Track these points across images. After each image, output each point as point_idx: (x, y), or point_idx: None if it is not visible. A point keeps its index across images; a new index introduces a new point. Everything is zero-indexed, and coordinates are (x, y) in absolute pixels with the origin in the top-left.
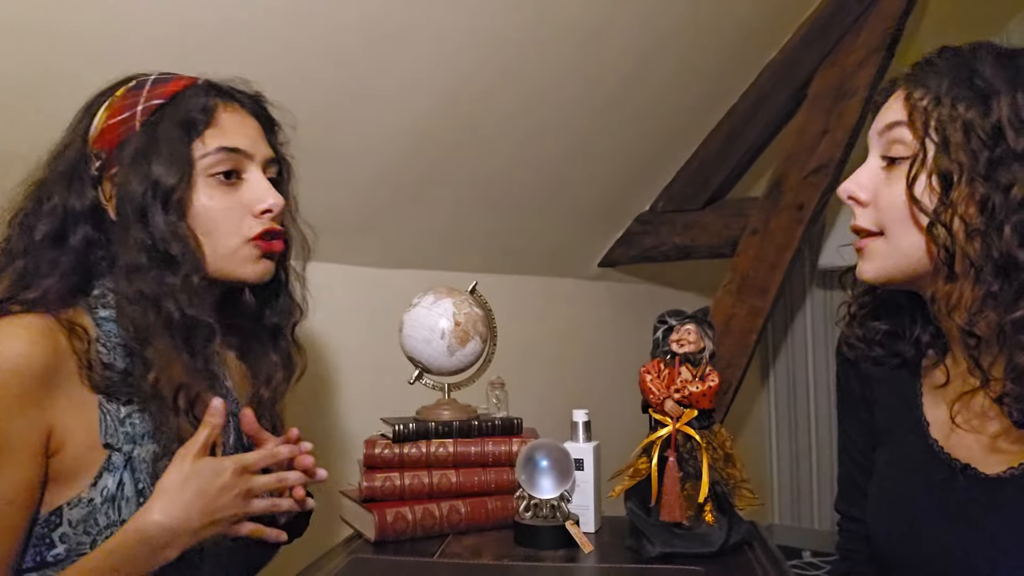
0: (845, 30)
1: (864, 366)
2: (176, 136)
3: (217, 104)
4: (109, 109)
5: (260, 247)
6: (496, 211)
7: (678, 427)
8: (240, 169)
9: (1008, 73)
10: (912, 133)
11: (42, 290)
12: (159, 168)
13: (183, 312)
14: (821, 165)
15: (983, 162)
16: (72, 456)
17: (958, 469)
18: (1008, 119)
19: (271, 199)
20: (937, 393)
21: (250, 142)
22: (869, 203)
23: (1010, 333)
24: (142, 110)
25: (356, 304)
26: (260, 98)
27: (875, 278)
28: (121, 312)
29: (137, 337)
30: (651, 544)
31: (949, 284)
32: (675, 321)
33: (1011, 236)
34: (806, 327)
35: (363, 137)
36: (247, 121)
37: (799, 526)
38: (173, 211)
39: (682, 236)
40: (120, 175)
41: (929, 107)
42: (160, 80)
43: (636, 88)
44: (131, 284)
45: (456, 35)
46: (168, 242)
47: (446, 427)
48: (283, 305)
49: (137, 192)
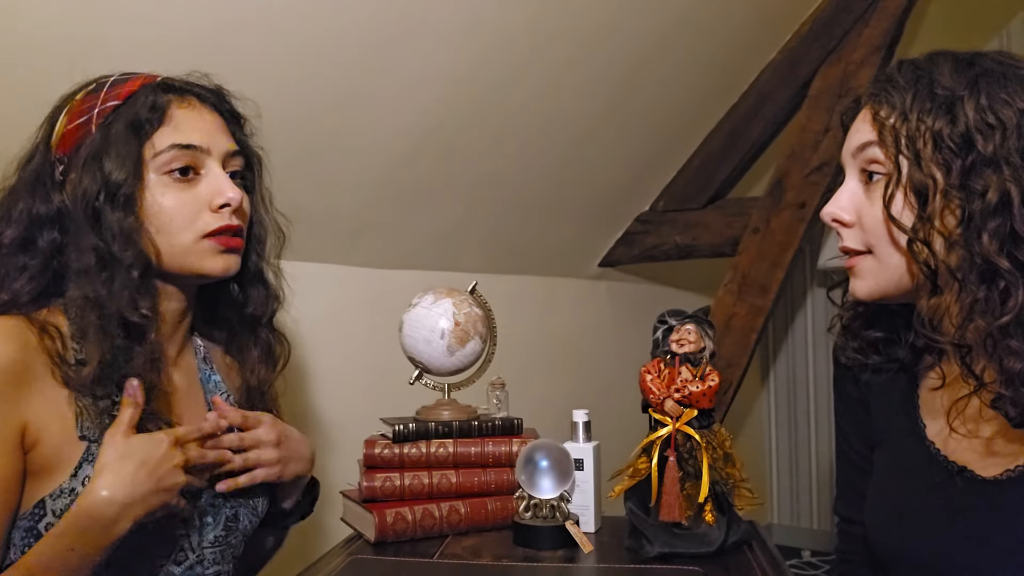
0: (847, 28)
1: (861, 372)
2: (125, 137)
3: (170, 101)
4: (68, 114)
5: (217, 244)
6: (496, 211)
7: (678, 427)
8: (197, 165)
9: (967, 77)
10: (884, 152)
11: (12, 293)
12: (110, 166)
13: (127, 309)
14: (823, 163)
15: (956, 172)
16: (50, 449)
17: (955, 472)
18: (975, 124)
19: (229, 192)
20: (934, 396)
21: (206, 137)
22: (854, 223)
23: (999, 338)
24: (98, 113)
25: (356, 304)
26: (221, 92)
27: (869, 295)
28: (68, 313)
29: (83, 335)
30: (650, 544)
31: (935, 298)
32: (675, 321)
33: (990, 242)
34: (806, 326)
35: (363, 138)
36: (204, 116)
37: (798, 526)
38: (120, 208)
39: (683, 235)
40: (76, 178)
41: (897, 124)
42: (118, 81)
43: (637, 88)
44: (78, 288)
45: (456, 36)
46: (115, 241)
47: (446, 427)
48: (258, 296)
49: (91, 193)
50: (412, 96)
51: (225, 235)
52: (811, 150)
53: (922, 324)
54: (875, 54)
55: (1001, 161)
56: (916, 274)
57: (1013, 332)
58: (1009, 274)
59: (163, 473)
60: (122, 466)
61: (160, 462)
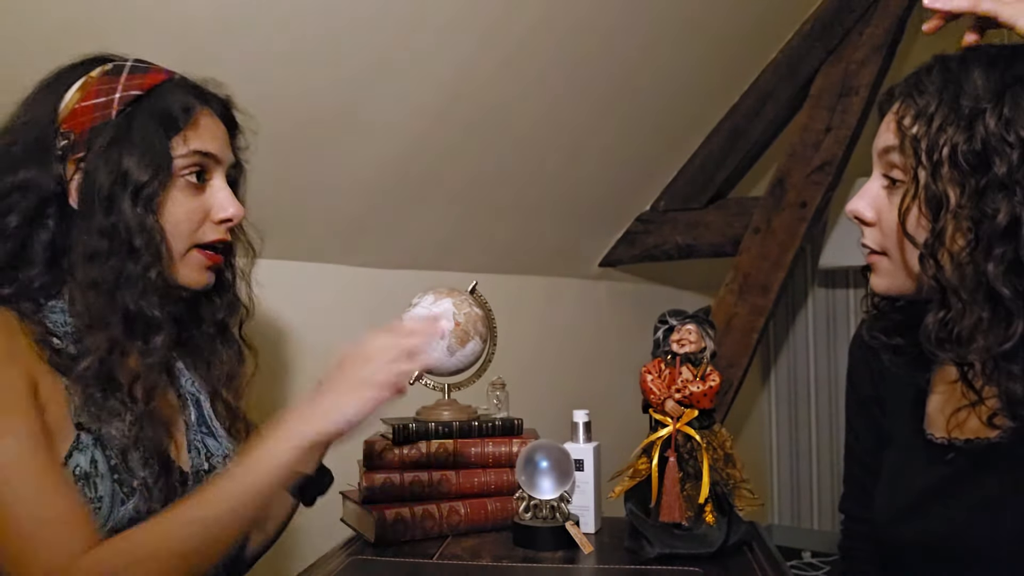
0: (848, 28)
1: (876, 362)
2: (153, 131)
3: (196, 105)
4: (83, 90)
5: (206, 257)
6: (496, 211)
7: (678, 427)
8: (208, 172)
9: (997, 84)
10: (904, 161)
11: (22, 281)
12: (131, 161)
13: (136, 303)
14: (824, 163)
15: (969, 191)
16: (51, 420)
17: (959, 445)
18: (993, 142)
19: (232, 208)
20: (947, 386)
21: (220, 147)
22: (874, 222)
23: (1001, 362)
24: (120, 98)
25: (356, 304)
26: (229, 102)
27: (886, 292)
28: (72, 299)
29: (87, 324)
30: (650, 545)
31: (942, 312)
32: (676, 321)
33: (995, 268)
34: (807, 326)
35: (363, 138)
36: (219, 125)
37: (799, 527)
38: (142, 205)
39: (684, 235)
40: (89, 162)
41: (919, 133)
42: (138, 69)
43: (638, 87)
44: (87, 272)
45: (457, 36)
46: (133, 232)
47: (446, 428)
48: (229, 303)
49: (106, 182)
50: (412, 97)
51: (214, 250)
52: (812, 149)
53: (927, 339)
54: (877, 53)
55: (1015, 185)
56: (928, 284)
57: (1015, 357)
58: (1011, 302)
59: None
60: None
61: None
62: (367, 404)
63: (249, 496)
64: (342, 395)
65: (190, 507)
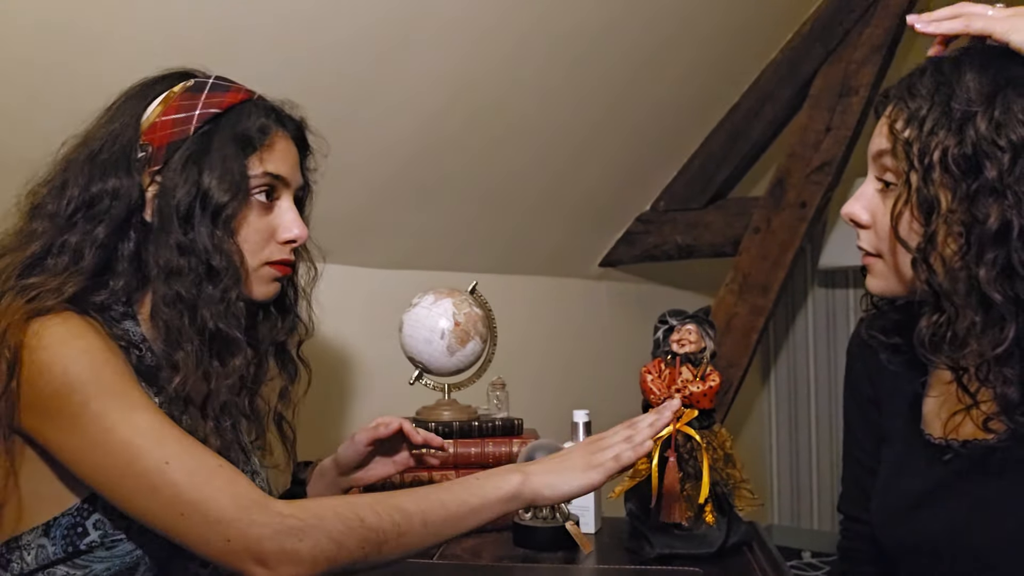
0: (848, 28)
1: (874, 362)
2: (231, 151)
3: (272, 127)
4: (165, 104)
5: (275, 270)
6: (497, 211)
7: (678, 427)
8: (277, 192)
9: (990, 86)
10: (897, 164)
11: (114, 290)
12: (209, 179)
13: (216, 323)
14: (824, 163)
15: (960, 195)
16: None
17: (957, 447)
18: (984, 146)
19: (296, 230)
20: (943, 387)
21: (291, 169)
22: (869, 225)
23: (994, 367)
24: (199, 115)
25: (356, 304)
26: (303, 124)
27: (881, 294)
28: (156, 313)
29: (169, 340)
30: (650, 545)
31: (936, 315)
32: (676, 321)
33: (987, 273)
34: (807, 326)
35: (365, 139)
36: (292, 148)
37: (799, 527)
38: (221, 227)
39: (684, 235)
40: (167, 177)
41: (911, 136)
42: (218, 87)
43: (638, 87)
44: (169, 286)
45: (458, 37)
46: (211, 253)
47: (446, 428)
48: (290, 325)
49: (184, 199)
50: (413, 97)
51: (282, 264)
52: (812, 150)
53: (921, 343)
54: (876, 53)
55: (1006, 189)
56: (920, 288)
57: (1008, 361)
58: (1003, 306)
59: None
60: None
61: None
62: (587, 488)
63: (448, 513)
64: (575, 472)
65: (396, 495)
